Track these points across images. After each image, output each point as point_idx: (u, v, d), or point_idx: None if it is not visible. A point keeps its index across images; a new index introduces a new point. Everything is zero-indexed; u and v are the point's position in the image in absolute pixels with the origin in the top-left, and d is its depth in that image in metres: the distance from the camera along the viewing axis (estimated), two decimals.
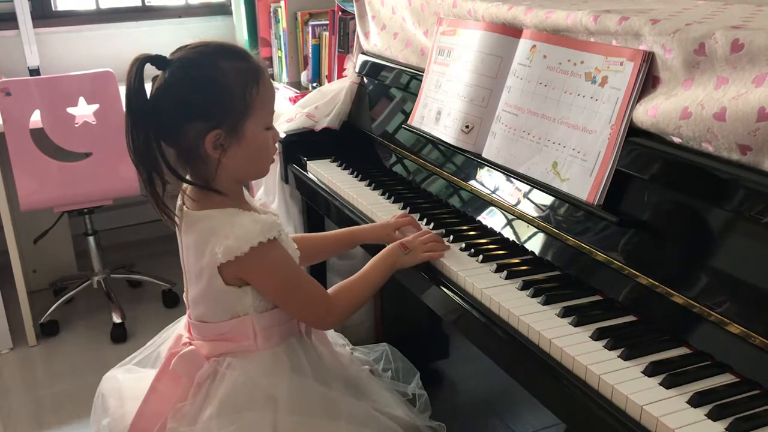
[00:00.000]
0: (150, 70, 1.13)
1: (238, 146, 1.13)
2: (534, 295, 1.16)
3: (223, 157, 1.13)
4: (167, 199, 1.17)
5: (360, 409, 1.23)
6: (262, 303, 1.18)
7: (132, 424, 1.22)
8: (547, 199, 1.32)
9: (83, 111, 2.50)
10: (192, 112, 1.11)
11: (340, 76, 2.31)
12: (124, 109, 1.12)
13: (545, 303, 1.14)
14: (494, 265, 1.27)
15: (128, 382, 1.32)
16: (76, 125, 2.50)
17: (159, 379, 1.23)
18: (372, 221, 1.56)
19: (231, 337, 1.19)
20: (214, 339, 1.20)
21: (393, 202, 1.63)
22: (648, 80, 1.15)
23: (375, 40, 2.00)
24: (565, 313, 1.10)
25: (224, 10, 3.35)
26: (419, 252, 1.31)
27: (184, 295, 1.26)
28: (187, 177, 1.17)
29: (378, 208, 1.59)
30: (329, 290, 1.25)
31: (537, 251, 1.30)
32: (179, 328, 1.30)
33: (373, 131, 1.94)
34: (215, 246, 1.11)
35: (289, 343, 1.22)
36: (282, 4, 2.69)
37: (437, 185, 1.64)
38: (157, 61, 1.12)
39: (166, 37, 3.23)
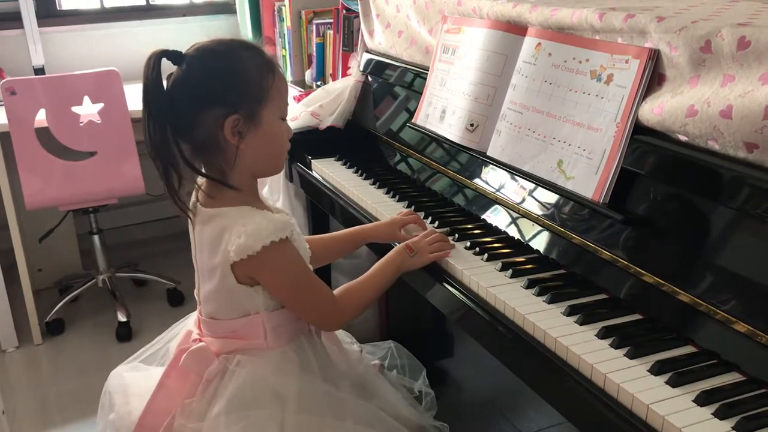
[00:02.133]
0: (165, 67, 1.14)
1: (255, 133, 1.14)
2: (539, 294, 1.16)
3: (241, 143, 1.14)
4: (183, 196, 1.17)
5: (367, 410, 1.23)
6: (273, 302, 1.18)
7: (140, 420, 1.22)
8: (552, 198, 1.31)
9: (88, 110, 2.50)
10: (210, 99, 1.13)
11: (344, 75, 2.31)
12: (141, 103, 1.12)
13: (550, 301, 1.14)
14: (499, 264, 1.26)
15: (134, 379, 1.32)
16: (81, 124, 2.50)
17: (168, 375, 1.23)
18: (377, 220, 1.55)
19: (241, 335, 1.19)
20: (225, 336, 1.20)
21: (398, 201, 1.63)
22: (654, 78, 1.15)
23: (379, 39, 2.00)
24: (570, 312, 1.10)
25: (228, 9, 3.35)
26: (425, 253, 1.31)
27: (195, 291, 1.27)
28: (203, 171, 1.18)
29: (382, 206, 1.59)
30: (335, 291, 1.25)
31: (542, 250, 1.30)
32: (188, 324, 1.30)
33: (377, 130, 1.94)
34: (228, 244, 1.11)
35: (298, 342, 1.22)
36: (286, 2, 2.69)
37: (442, 184, 1.64)
38: (173, 56, 1.14)
39: (170, 36, 3.24)
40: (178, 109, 1.13)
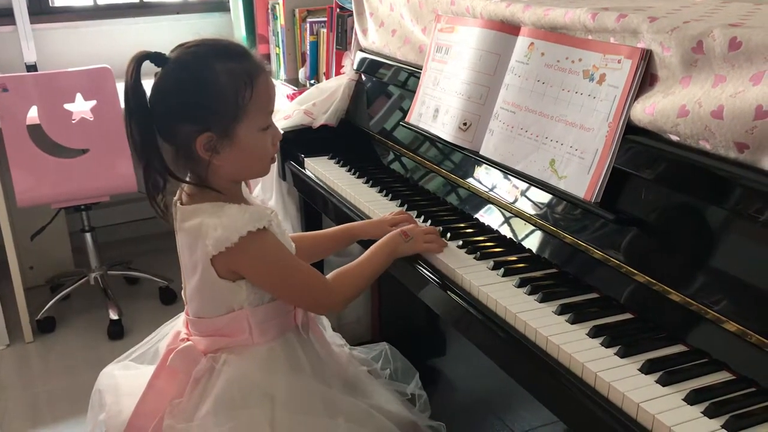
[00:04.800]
0: (150, 66, 1.13)
1: (231, 149, 1.12)
2: (531, 293, 1.16)
3: (215, 159, 1.12)
4: (167, 194, 1.17)
5: (358, 408, 1.22)
6: (256, 297, 1.18)
7: (130, 421, 1.22)
8: (544, 197, 1.32)
9: (80, 107, 2.49)
10: (183, 114, 1.11)
11: (338, 73, 2.31)
12: (122, 105, 1.12)
13: (542, 300, 1.14)
14: (491, 263, 1.27)
15: (125, 378, 1.32)
16: (74, 121, 2.50)
17: (157, 375, 1.23)
18: (369, 218, 1.55)
19: (227, 332, 1.19)
20: (211, 334, 1.20)
21: (390, 200, 1.63)
22: (646, 78, 1.15)
23: (373, 37, 2.00)
24: (561, 311, 1.10)
25: (222, 7, 3.35)
26: (420, 241, 1.31)
27: (183, 291, 1.26)
28: (187, 176, 1.18)
29: (375, 205, 1.59)
30: (328, 275, 1.24)
31: (534, 249, 1.30)
32: (178, 324, 1.30)
33: (370, 128, 1.93)
34: (206, 238, 1.11)
35: (286, 338, 1.22)
36: (280, 0, 2.68)
37: (435, 183, 1.64)
38: (155, 58, 1.12)
39: (164, 34, 3.23)
40: (157, 116, 1.13)
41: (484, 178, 1.48)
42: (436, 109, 1.62)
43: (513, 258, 1.30)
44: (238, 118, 1.11)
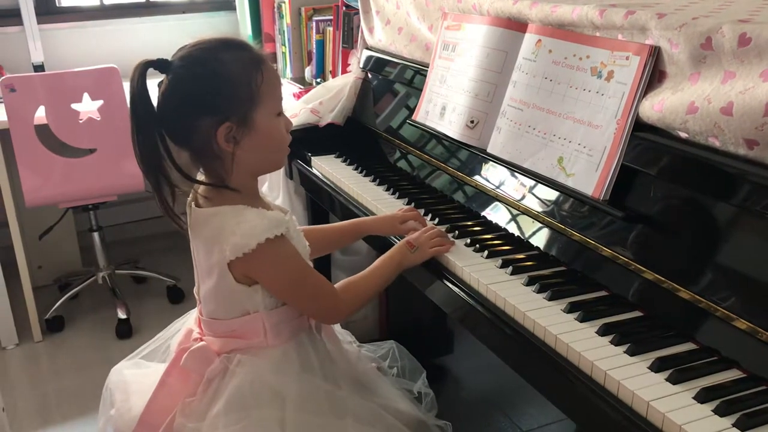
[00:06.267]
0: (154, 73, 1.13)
1: (251, 137, 1.13)
2: (540, 291, 1.16)
3: (237, 149, 1.12)
4: (178, 196, 1.17)
5: (367, 409, 1.22)
6: (272, 300, 1.18)
7: (141, 418, 1.22)
8: (552, 195, 1.31)
9: (87, 107, 2.50)
10: (200, 108, 1.11)
11: (344, 72, 2.31)
12: (130, 115, 1.12)
13: (551, 298, 1.14)
14: (499, 261, 1.26)
15: (134, 376, 1.32)
16: (81, 121, 2.50)
17: (169, 373, 1.23)
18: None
19: (241, 334, 1.19)
20: (225, 336, 1.20)
21: (397, 198, 1.63)
22: (654, 75, 1.14)
23: (379, 36, 2.00)
24: (570, 309, 1.10)
25: (228, 6, 3.35)
26: (426, 248, 1.31)
27: (195, 289, 1.26)
28: (201, 177, 1.17)
29: (382, 203, 1.59)
30: (336, 285, 1.25)
31: (542, 246, 1.30)
32: (189, 322, 1.30)
33: (377, 127, 1.93)
34: (223, 243, 1.11)
35: (299, 340, 1.22)
36: None
37: (442, 181, 1.64)
38: (159, 65, 1.12)
39: (170, 33, 3.24)
40: (171, 120, 1.12)
41: (492, 175, 1.48)
42: (443, 107, 1.61)
43: (521, 256, 1.29)
44: (254, 103, 1.12)
